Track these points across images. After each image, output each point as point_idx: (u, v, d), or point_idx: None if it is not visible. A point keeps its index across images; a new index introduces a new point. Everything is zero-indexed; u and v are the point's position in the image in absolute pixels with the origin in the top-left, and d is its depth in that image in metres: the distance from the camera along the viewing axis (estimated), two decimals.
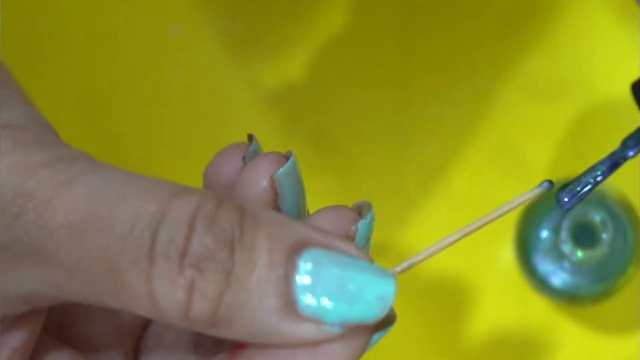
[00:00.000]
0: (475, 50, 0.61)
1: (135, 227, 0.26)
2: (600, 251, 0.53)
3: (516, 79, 0.60)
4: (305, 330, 0.26)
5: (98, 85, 0.62)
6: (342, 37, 0.61)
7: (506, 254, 0.59)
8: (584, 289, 0.54)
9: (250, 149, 0.30)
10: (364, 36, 0.61)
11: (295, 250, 0.26)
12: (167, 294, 0.25)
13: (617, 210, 0.54)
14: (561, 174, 0.58)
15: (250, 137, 0.31)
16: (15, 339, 0.28)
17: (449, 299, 0.59)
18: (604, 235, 0.52)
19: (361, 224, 0.28)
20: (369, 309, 0.26)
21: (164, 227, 0.26)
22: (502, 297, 0.59)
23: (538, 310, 0.58)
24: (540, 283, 0.55)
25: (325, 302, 0.26)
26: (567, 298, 0.55)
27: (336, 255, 0.26)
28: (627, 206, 0.55)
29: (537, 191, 0.30)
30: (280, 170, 0.29)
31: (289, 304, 0.26)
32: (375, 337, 0.28)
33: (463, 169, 0.60)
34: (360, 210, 0.29)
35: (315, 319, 0.26)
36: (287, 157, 0.29)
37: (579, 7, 0.61)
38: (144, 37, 0.62)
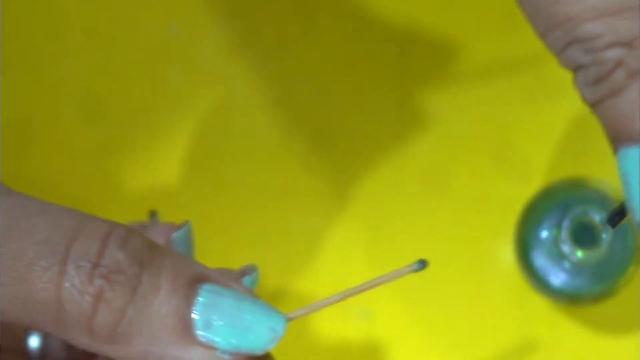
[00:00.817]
0: (476, 50, 0.61)
1: (52, 237, 0.27)
2: (600, 251, 0.52)
3: (516, 79, 0.60)
4: (197, 355, 0.28)
5: (98, 85, 0.62)
6: (342, 37, 0.61)
7: (506, 254, 0.59)
8: (584, 289, 0.54)
9: (152, 220, 0.35)
10: (364, 36, 0.61)
11: (196, 281, 0.29)
12: (74, 301, 0.27)
13: None
14: (561, 174, 0.58)
15: (153, 212, 0.35)
16: None
17: (448, 299, 0.59)
18: (604, 235, 0.52)
19: (246, 279, 0.32)
20: (260, 338, 0.28)
21: (79, 240, 0.27)
22: (502, 296, 0.59)
23: (538, 310, 0.58)
24: (540, 283, 0.55)
25: (221, 327, 0.28)
26: (567, 298, 0.55)
27: (232, 291, 0.29)
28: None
29: (412, 268, 0.32)
30: (176, 233, 0.33)
31: (187, 327, 0.28)
32: None
33: (463, 169, 0.60)
34: (245, 273, 0.32)
35: (209, 344, 0.28)
36: (182, 226, 0.34)
37: None
38: (144, 37, 0.62)
